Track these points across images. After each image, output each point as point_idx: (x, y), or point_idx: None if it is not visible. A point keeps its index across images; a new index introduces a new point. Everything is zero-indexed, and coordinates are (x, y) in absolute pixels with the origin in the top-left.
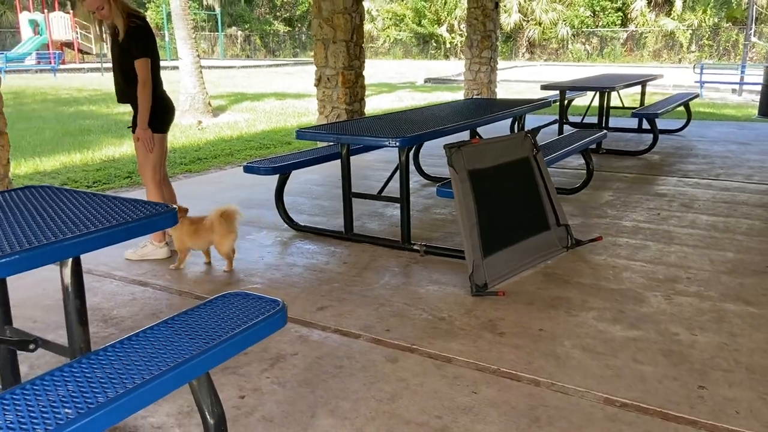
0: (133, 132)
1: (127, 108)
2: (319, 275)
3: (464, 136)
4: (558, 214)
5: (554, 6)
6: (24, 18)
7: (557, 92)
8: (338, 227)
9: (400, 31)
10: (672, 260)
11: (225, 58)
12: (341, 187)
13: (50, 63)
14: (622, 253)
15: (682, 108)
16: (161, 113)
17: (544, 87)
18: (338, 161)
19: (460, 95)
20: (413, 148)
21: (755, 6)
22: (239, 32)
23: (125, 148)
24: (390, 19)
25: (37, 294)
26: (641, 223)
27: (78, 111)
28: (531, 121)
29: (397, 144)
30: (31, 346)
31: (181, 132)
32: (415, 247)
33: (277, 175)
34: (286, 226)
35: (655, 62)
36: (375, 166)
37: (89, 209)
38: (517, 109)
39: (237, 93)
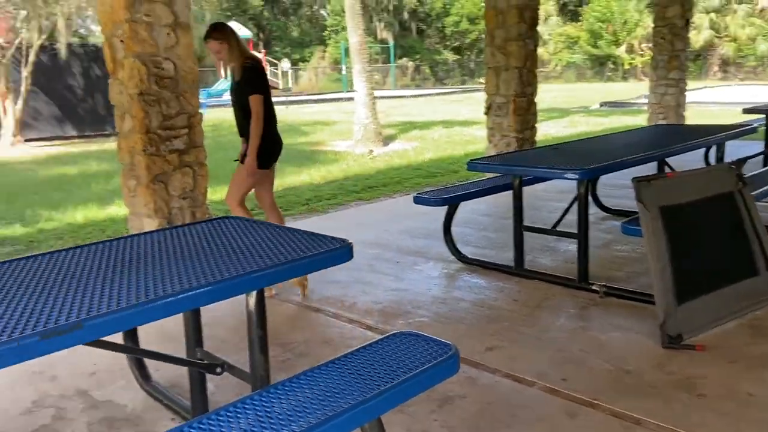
0: (242, 163)
1: (312, 137)
2: (487, 312)
3: (651, 167)
4: None
5: (752, 20)
6: None
7: (763, 116)
8: (507, 261)
9: (573, 53)
10: None
11: (396, 88)
12: (510, 218)
13: None
14: None
15: None
16: (269, 148)
17: (747, 111)
18: (507, 191)
19: (640, 120)
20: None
21: None
22: (410, 63)
23: (303, 177)
24: (563, 42)
25: (223, 314)
26: None
27: None
28: (730, 149)
29: (577, 177)
30: (218, 370)
31: (354, 161)
32: (594, 287)
33: (446, 206)
34: (453, 257)
35: None
36: (545, 195)
37: (274, 241)
38: (715, 136)
39: (406, 122)
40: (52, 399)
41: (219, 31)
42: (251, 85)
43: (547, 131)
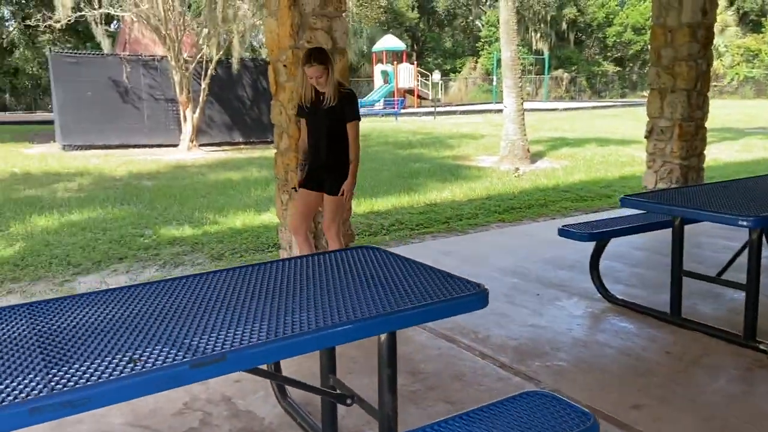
0: (312, 188)
1: (458, 151)
2: (635, 363)
3: None
4: None
5: None
6: (378, 69)
7: None
8: (661, 305)
9: (753, 67)
10: None
11: (548, 100)
12: (668, 255)
13: (394, 108)
14: None
15: None
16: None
17: None
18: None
19: None
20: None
21: None
22: (565, 74)
23: (446, 193)
24: (741, 55)
25: None
26: None
27: (411, 154)
28: None
29: (749, 225)
30: (348, 401)
31: (498, 178)
32: (762, 347)
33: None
34: (599, 296)
35: None
36: (711, 232)
37: (410, 280)
38: None
39: (557, 138)
40: (200, 403)
41: (323, 56)
42: (352, 111)
43: (717, 155)
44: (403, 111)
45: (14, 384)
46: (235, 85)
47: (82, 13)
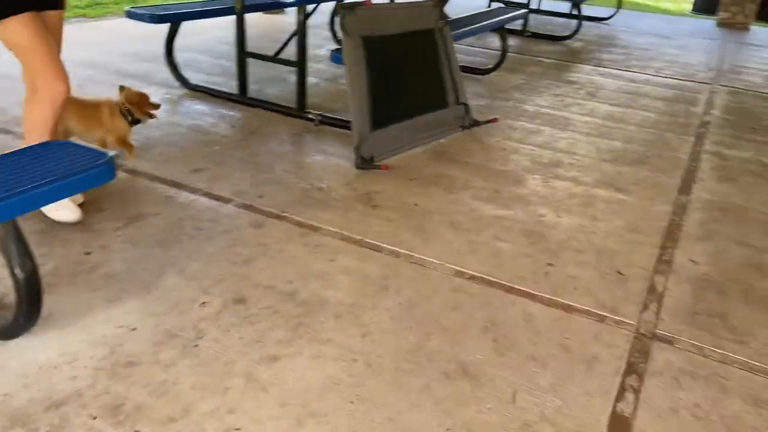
0: None
1: None
2: (201, 137)
3: None
4: (458, 92)
5: None
6: None
7: None
8: (236, 89)
9: None
10: (561, 146)
11: None
12: (253, 48)
13: None
14: (515, 136)
15: None
16: None
17: None
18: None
19: None
20: (316, 8)
21: None
22: None
23: None
24: None
25: None
26: (543, 108)
27: None
28: None
29: (294, 3)
30: None
31: None
32: (310, 116)
33: (168, 25)
34: (179, 84)
35: None
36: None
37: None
38: None
39: None
40: None
41: None
42: None
43: None
44: None
45: None
46: None
47: None
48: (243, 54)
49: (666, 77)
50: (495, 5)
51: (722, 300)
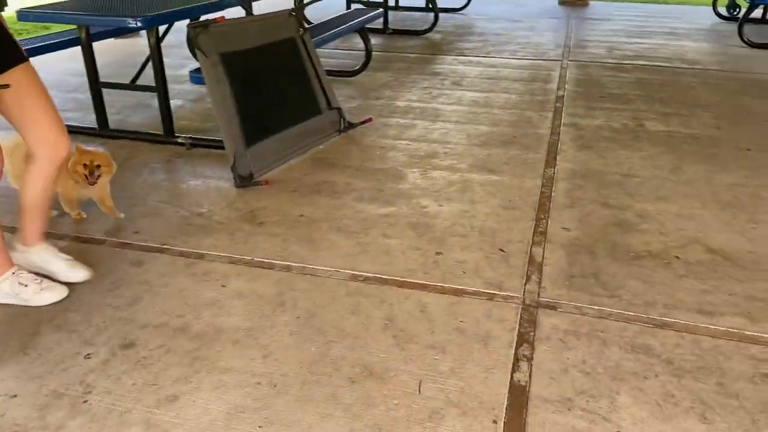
0: None
1: None
2: None
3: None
4: (329, 97)
5: None
6: None
7: None
8: (93, 123)
9: None
10: (434, 137)
11: None
12: (111, 78)
13: None
14: (391, 133)
15: None
16: None
17: None
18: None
19: None
20: (170, 29)
21: None
22: None
23: None
24: None
25: None
26: (413, 102)
27: None
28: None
29: (140, 24)
30: None
31: None
32: (180, 141)
33: None
34: None
35: None
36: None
37: None
38: None
39: None
40: None
41: None
42: None
43: None
44: None
45: None
46: None
47: None
48: (97, 85)
49: (521, 59)
50: (355, 6)
51: (593, 260)
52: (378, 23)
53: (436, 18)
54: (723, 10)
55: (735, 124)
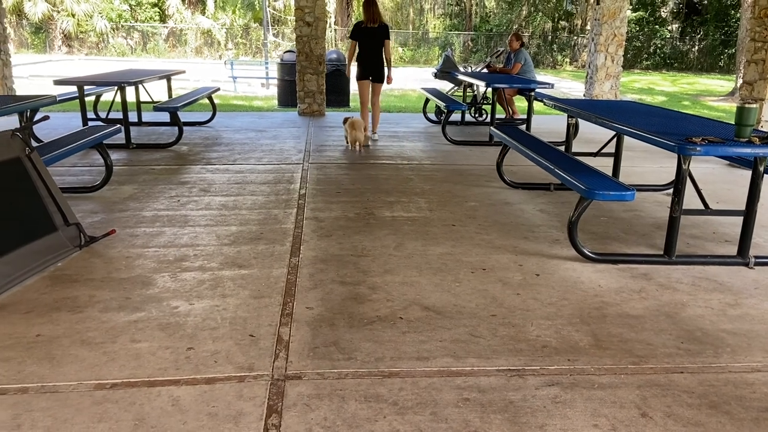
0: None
1: None
2: None
3: None
4: (65, 213)
5: None
6: None
7: (75, 88)
8: None
9: None
10: (184, 241)
11: None
12: None
13: None
14: (137, 242)
15: (208, 101)
16: None
17: (58, 82)
18: None
19: None
20: None
21: (271, 9)
22: None
23: None
24: None
25: None
26: (161, 211)
27: None
28: (61, 119)
29: None
30: None
31: None
32: None
33: None
34: None
35: (199, 58)
36: None
37: None
38: (12, 105)
39: None
40: None
41: None
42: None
43: None
44: None
45: None
46: None
47: None
48: None
49: (266, 164)
50: (92, 124)
51: (333, 330)
52: (120, 138)
53: (180, 131)
54: (432, 116)
55: (443, 206)
